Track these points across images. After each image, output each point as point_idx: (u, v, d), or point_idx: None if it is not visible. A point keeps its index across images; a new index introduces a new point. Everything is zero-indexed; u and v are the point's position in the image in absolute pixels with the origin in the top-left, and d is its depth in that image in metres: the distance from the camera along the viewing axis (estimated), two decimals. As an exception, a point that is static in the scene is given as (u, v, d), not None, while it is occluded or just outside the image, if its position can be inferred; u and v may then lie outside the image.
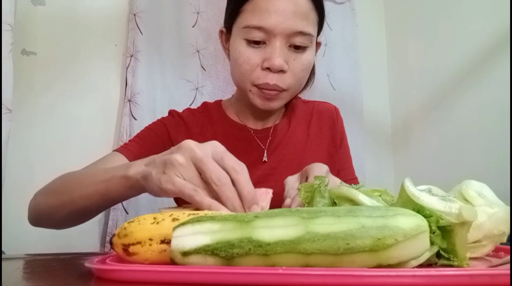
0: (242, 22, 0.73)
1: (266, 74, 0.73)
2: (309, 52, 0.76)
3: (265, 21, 0.70)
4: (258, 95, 0.75)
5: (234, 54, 0.76)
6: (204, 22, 1.53)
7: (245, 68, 0.74)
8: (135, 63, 1.40)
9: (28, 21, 1.30)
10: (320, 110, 0.94)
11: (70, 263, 0.50)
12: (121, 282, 0.33)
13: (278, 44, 0.71)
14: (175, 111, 0.92)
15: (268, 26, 0.70)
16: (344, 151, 0.93)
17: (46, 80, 1.32)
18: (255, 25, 0.71)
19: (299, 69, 0.74)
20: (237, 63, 0.75)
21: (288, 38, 0.72)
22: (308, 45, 0.74)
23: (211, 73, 1.53)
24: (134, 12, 1.43)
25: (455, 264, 0.36)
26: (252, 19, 0.72)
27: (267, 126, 0.89)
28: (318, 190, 0.48)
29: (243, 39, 0.73)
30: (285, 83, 0.74)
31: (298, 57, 0.74)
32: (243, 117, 0.89)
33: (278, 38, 0.71)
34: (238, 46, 0.74)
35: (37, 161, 1.28)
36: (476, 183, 0.45)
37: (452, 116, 1.65)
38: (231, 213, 0.44)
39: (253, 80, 0.74)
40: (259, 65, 0.73)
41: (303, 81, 0.78)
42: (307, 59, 0.75)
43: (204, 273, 0.32)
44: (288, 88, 0.75)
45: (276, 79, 0.73)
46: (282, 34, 0.71)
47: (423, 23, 1.82)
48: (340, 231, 0.32)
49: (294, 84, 0.76)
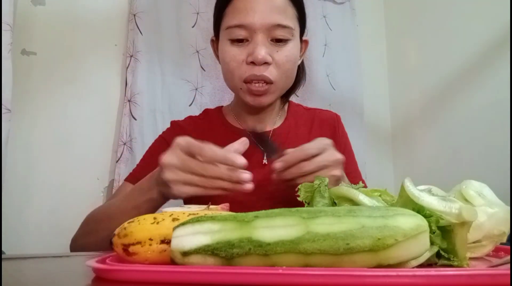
0: (225, 24, 0.79)
1: (252, 67, 0.76)
2: (291, 44, 0.79)
3: (244, 19, 0.75)
4: (248, 92, 0.78)
5: (221, 55, 0.80)
6: (204, 22, 1.53)
7: (232, 66, 0.78)
8: (135, 63, 1.40)
9: (28, 21, 1.30)
10: (322, 118, 0.95)
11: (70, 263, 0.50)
12: (121, 282, 0.33)
13: (260, 38, 0.75)
14: (176, 122, 0.95)
15: (247, 23, 0.75)
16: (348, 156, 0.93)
17: (46, 80, 1.32)
18: (236, 24, 0.76)
19: (284, 61, 0.77)
20: (225, 63, 0.79)
21: (269, 32, 0.76)
22: (290, 37, 0.78)
23: (210, 73, 1.53)
24: (134, 12, 1.43)
25: (455, 264, 0.36)
26: (232, 19, 0.77)
27: (266, 129, 0.90)
28: (318, 190, 0.48)
29: (228, 40, 0.78)
30: (272, 75, 0.77)
31: (281, 49, 0.77)
32: (242, 121, 0.91)
33: (258, 33, 0.75)
34: (224, 46, 0.79)
35: (37, 161, 1.28)
36: (476, 183, 0.45)
37: (452, 116, 1.65)
38: (231, 213, 0.44)
39: (240, 75, 0.77)
40: (244, 60, 0.77)
41: (289, 74, 0.81)
42: (290, 51, 0.78)
43: (204, 273, 0.32)
44: (275, 81, 0.78)
45: (262, 70, 0.76)
46: (261, 28, 0.75)
47: (423, 23, 1.82)
48: (340, 231, 0.32)
49: (281, 76, 0.78)
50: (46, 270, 0.47)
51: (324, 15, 1.79)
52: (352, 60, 1.84)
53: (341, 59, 1.80)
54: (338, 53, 1.80)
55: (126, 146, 1.36)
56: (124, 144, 1.35)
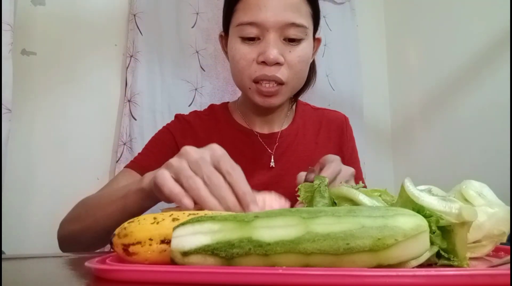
0: (235, 21, 0.75)
1: (263, 67, 0.73)
2: (305, 44, 0.75)
3: (256, 16, 0.71)
4: (257, 92, 0.75)
5: (231, 52, 0.76)
6: (203, 22, 1.53)
7: (242, 64, 0.74)
8: (135, 63, 1.40)
9: (28, 21, 1.30)
10: (330, 119, 0.93)
11: (70, 263, 0.50)
12: (121, 282, 0.33)
13: (272, 37, 0.72)
14: (181, 115, 0.91)
15: (260, 20, 0.71)
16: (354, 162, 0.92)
17: (46, 80, 1.32)
18: (247, 21, 0.72)
19: (296, 61, 0.74)
20: (234, 61, 0.76)
21: (282, 31, 0.72)
22: (303, 37, 0.74)
23: (210, 74, 1.53)
24: (134, 12, 1.43)
25: (455, 264, 0.36)
26: (244, 16, 0.73)
27: (274, 130, 0.87)
28: (318, 190, 0.48)
29: (238, 37, 0.74)
30: (284, 76, 0.73)
31: (294, 49, 0.73)
32: (249, 120, 0.88)
33: (271, 32, 0.72)
34: (234, 44, 0.75)
35: (37, 161, 1.28)
36: (476, 183, 0.45)
37: (452, 116, 1.65)
38: (231, 213, 0.44)
39: (250, 74, 0.74)
40: (255, 59, 0.73)
41: (301, 74, 0.77)
42: (303, 51, 0.75)
43: (204, 273, 0.32)
44: (287, 82, 0.74)
45: (273, 71, 0.72)
46: (274, 27, 0.71)
47: (423, 23, 1.82)
48: (340, 231, 0.32)
49: (293, 77, 0.75)
50: (46, 270, 0.47)
51: (324, 15, 1.79)
52: (352, 60, 1.85)
53: (341, 59, 1.80)
54: (338, 53, 1.80)
55: (126, 146, 1.36)
56: (124, 144, 1.36)
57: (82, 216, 0.69)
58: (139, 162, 0.81)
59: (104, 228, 0.63)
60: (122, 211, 0.60)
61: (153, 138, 0.88)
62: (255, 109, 0.85)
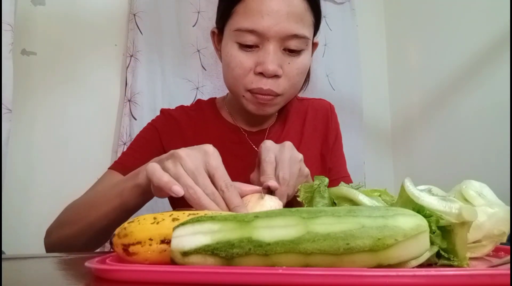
0: (233, 25, 0.70)
1: (260, 79, 0.69)
2: (304, 55, 0.72)
3: (257, 24, 0.67)
4: (251, 101, 0.72)
5: (226, 57, 0.72)
6: (204, 21, 1.53)
7: (237, 73, 0.70)
8: (135, 63, 1.40)
9: (28, 21, 1.30)
10: (315, 108, 0.91)
11: (70, 263, 0.50)
12: (121, 282, 0.33)
13: (272, 48, 0.68)
14: (167, 110, 0.88)
15: (260, 29, 0.67)
16: (337, 149, 0.90)
17: (46, 80, 1.32)
18: (247, 28, 0.67)
19: (294, 73, 0.71)
20: (229, 67, 0.71)
21: (282, 42, 0.68)
22: (304, 48, 0.71)
23: (211, 73, 1.53)
24: (134, 12, 1.43)
25: (455, 264, 0.36)
26: (244, 22, 0.68)
27: (262, 128, 0.86)
28: (318, 190, 0.48)
29: (235, 42, 0.70)
30: (280, 88, 0.71)
31: (293, 61, 0.70)
32: (237, 118, 0.86)
33: (271, 42, 0.68)
34: (230, 49, 0.71)
35: (37, 161, 1.28)
36: (476, 183, 0.45)
37: (452, 116, 1.65)
38: (231, 213, 0.44)
39: (246, 84, 0.71)
40: (252, 69, 0.69)
41: (298, 85, 0.75)
42: (302, 63, 0.72)
43: (204, 273, 0.32)
44: (283, 93, 0.72)
45: (270, 84, 0.69)
46: (275, 37, 0.67)
47: (423, 23, 1.82)
48: (340, 231, 0.32)
49: (289, 88, 0.73)
50: (46, 270, 0.47)
51: (324, 15, 1.79)
52: (352, 60, 1.85)
53: (341, 59, 1.81)
54: (338, 53, 1.80)
55: (126, 146, 1.36)
56: (124, 144, 1.35)
57: (74, 220, 0.67)
58: (124, 163, 0.79)
59: (100, 228, 0.62)
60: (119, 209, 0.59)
61: (137, 136, 0.86)
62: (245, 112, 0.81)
